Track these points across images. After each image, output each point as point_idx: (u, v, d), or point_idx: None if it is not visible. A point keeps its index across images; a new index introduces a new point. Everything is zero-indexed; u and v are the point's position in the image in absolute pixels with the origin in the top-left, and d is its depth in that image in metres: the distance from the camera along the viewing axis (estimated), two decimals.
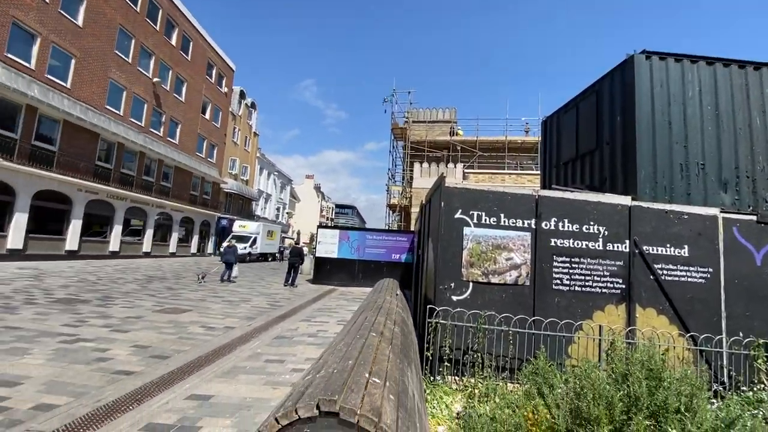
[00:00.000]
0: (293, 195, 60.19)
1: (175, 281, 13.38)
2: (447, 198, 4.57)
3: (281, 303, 10.16)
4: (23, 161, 15.65)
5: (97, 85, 19.47)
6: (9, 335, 5.47)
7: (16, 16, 15.20)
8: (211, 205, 31.68)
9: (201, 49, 29.23)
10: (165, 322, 6.96)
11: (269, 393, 4.02)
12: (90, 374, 4.26)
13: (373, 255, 15.17)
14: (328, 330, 7.12)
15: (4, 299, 8.00)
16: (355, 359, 1.61)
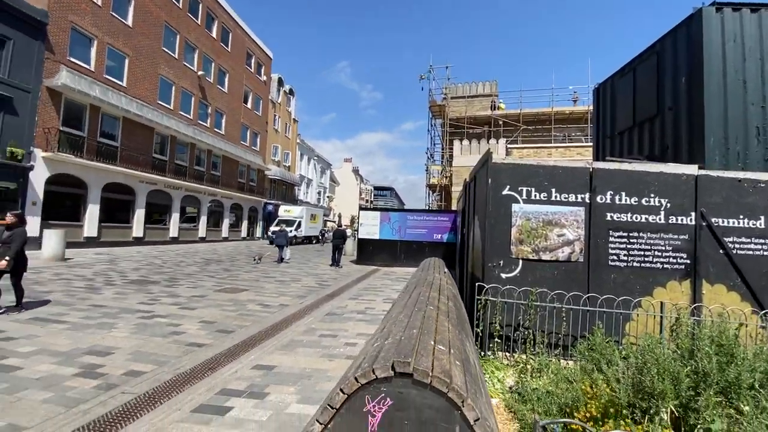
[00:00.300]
0: (333, 179, 61.34)
1: (231, 263, 14.28)
2: (494, 174, 4.48)
3: (329, 282, 10.57)
4: (92, 157, 17.16)
5: (149, 81, 20.70)
6: (96, 312, 6.17)
7: (74, 21, 16.38)
8: (257, 191, 33.09)
9: (240, 40, 30.00)
10: (226, 301, 7.51)
11: (326, 364, 4.27)
12: (168, 346, 4.74)
13: (414, 235, 15.27)
14: (375, 307, 7.36)
15: (87, 281, 9.00)
16: (419, 329, 1.69)
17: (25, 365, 3.92)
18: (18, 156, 13.89)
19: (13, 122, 13.96)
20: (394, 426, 1.27)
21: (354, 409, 1.28)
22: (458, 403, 1.25)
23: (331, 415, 1.26)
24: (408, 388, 1.27)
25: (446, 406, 1.26)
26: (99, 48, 17.60)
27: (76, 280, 8.98)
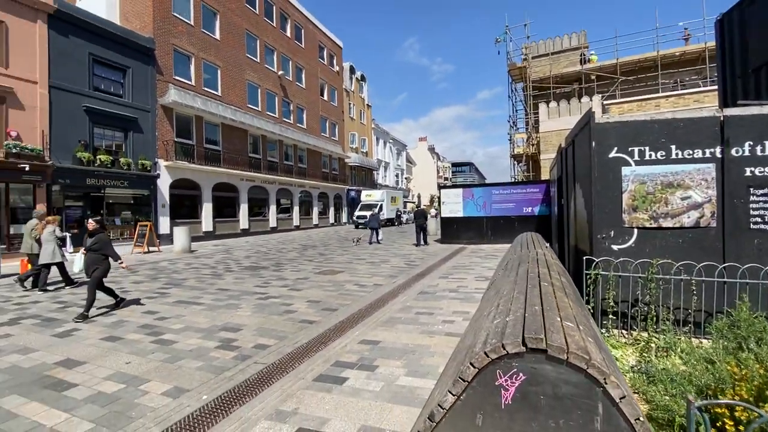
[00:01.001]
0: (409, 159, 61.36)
1: (324, 248, 15.33)
2: (599, 136, 4.02)
3: (416, 262, 10.75)
4: (201, 161, 19.64)
5: (238, 88, 22.78)
6: (223, 295, 7.17)
7: (175, 43, 18.63)
8: (340, 179, 34.70)
9: (311, 34, 31.17)
10: (326, 282, 8.13)
11: (427, 340, 4.39)
12: (284, 323, 5.32)
13: (501, 210, 14.56)
14: (467, 286, 7.29)
15: (211, 268, 10.46)
16: (540, 305, 1.63)
17: (179, 339, 4.74)
18: (147, 167, 16.52)
19: (140, 139, 16.59)
20: (528, 399, 1.26)
21: (485, 382, 1.29)
22: (600, 380, 1.19)
23: (463, 388, 1.30)
24: (542, 364, 1.24)
25: (586, 382, 1.21)
26: (196, 64, 19.82)
27: (203, 268, 10.50)
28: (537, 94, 20.45)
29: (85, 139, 14.40)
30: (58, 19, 13.74)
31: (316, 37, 31.95)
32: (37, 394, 3.36)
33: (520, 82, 22.02)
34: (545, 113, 17.92)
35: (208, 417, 2.94)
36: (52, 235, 7.75)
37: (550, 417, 1.23)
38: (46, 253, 7.64)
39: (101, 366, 3.95)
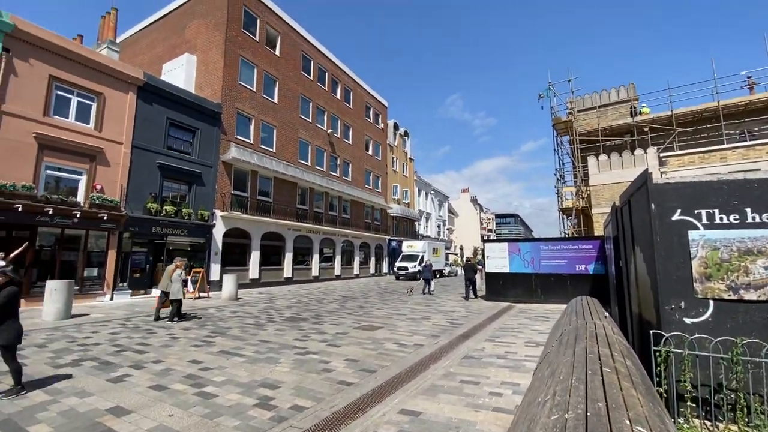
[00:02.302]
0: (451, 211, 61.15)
1: (364, 300, 15.18)
2: (658, 197, 3.78)
3: (460, 321, 10.25)
4: (253, 212, 20.88)
5: (291, 145, 24.59)
6: (264, 347, 7.20)
7: (239, 107, 20.80)
8: (381, 229, 35.11)
9: (359, 96, 33.55)
10: (365, 339, 7.93)
11: (473, 415, 4.03)
12: (321, 383, 5.18)
13: (551, 267, 13.72)
14: (517, 352, 6.76)
15: (254, 318, 10.66)
16: (604, 401, 1.45)
17: (220, 393, 4.75)
18: (205, 217, 17.82)
19: (201, 191, 18.11)
20: None
21: None
22: None
23: None
24: None
25: None
26: (256, 124, 21.84)
27: (246, 317, 10.73)
28: (584, 146, 20.01)
29: (156, 192, 15.98)
30: (146, 90, 15.99)
31: (363, 98, 34.30)
32: None
33: (566, 135, 21.77)
34: (595, 166, 17.34)
35: None
36: (180, 276, 9.98)
37: None
38: (174, 291, 9.87)
39: (146, 417, 4.02)
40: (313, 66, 27.40)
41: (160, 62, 22.26)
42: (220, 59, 19.91)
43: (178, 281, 9.94)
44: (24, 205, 11.77)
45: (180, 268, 10.17)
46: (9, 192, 11.58)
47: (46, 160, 12.86)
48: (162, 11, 23.71)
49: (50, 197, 12.59)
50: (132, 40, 25.14)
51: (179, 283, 9.95)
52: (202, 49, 20.84)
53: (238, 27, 20.99)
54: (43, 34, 12.96)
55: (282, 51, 24.37)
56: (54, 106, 13.30)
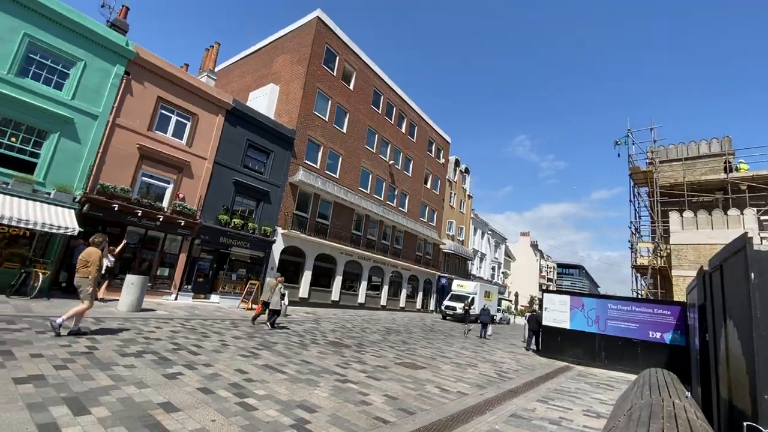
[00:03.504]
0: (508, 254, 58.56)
1: (407, 335, 14.80)
2: (759, 266, 3.30)
3: (509, 374, 9.53)
4: (311, 233, 21.74)
5: (353, 173, 25.59)
6: (305, 368, 7.24)
7: (310, 134, 22.25)
8: (432, 264, 34.51)
9: (423, 131, 34.31)
10: (405, 376, 7.66)
11: None
12: (358, 415, 5.04)
13: (619, 330, 12.34)
14: (573, 420, 6.08)
15: (300, 337, 10.83)
16: None
17: (259, 407, 4.82)
18: (268, 233, 18.88)
19: (267, 208, 19.32)
20: None
21: None
22: None
23: None
24: None
25: None
26: (323, 151, 23.15)
27: (292, 335, 10.94)
28: (666, 200, 18.31)
29: (228, 205, 17.38)
30: (233, 114, 17.82)
31: (427, 132, 34.99)
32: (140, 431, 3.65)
33: (644, 186, 20.15)
34: (678, 223, 15.71)
35: None
36: (279, 291, 11.70)
37: None
38: (274, 302, 11.62)
39: (191, 417, 4.18)
40: (382, 100, 28.74)
41: (248, 90, 24.82)
42: (300, 90, 21.68)
43: (277, 294, 11.65)
44: (120, 206, 13.40)
45: (281, 283, 11.91)
46: (110, 192, 13.29)
47: (143, 168, 14.66)
48: (255, 46, 26.71)
49: (141, 201, 14.22)
50: (227, 70, 28.44)
51: (278, 296, 11.68)
52: (285, 81, 22.91)
53: (319, 62, 22.85)
54: (158, 61, 15.15)
55: (355, 86, 25.96)
56: (157, 123, 15.28)
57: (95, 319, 8.98)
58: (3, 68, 11.52)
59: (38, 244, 12.10)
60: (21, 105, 11.72)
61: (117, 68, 13.95)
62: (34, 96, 12.03)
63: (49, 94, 12.38)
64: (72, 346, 6.28)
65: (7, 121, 11.64)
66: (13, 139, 11.78)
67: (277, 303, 11.64)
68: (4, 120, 11.56)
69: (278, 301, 11.66)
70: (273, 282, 11.97)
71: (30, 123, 12.01)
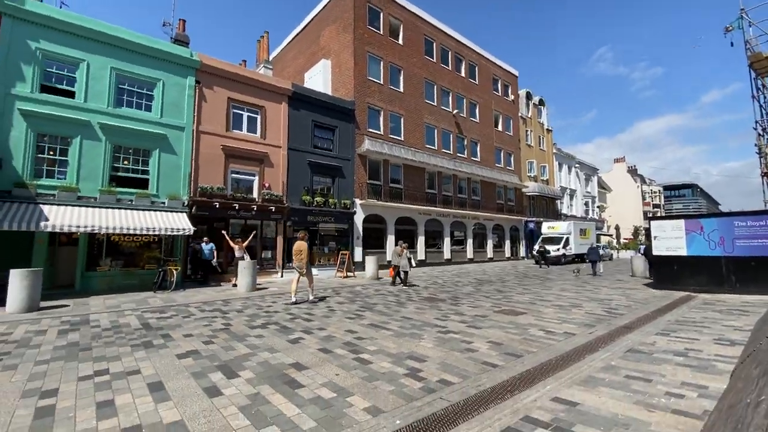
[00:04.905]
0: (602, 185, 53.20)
1: (501, 284, 14.67)
2: None
3: (619, 311, 8.97)
4: (387, 199, 22.21)
5: (418, 131, 25.07)
6: (407, 323, 7.68)
7: (369, 101, 22.15)
8: (516, 210, 33.03)
9: (485, 70, 31.80)
10: (506, 323, 7.69)
11: (645, 415, 3.53)
12: (466, 361, 5.26)
13: (751, 249, 10.65)
14: (702, 350, 5.57)
15: (395, 296, 11.44)
16: None
17: (374, 360, 5.30)
18: (347, 206, 19.78)
19: (342, 183, 20.10)
20: None
21: None
22: None
23: None
24: None
25: None
26: (384, 116, 22.97)
27: (388, 295, 11.60)
28: None
29: (308, 186, 18.49)
30: (294, 98, 18.49)
31: (490, 70, 32.38)
32: (280, 387, 4.31)
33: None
34: None
35: None
36: (405, 255, 13.95)
37: None
38: (403, 265, 13.89)
39: (318, 373, 4.78)
40: (435, 48, 27.17)
41: (303, 71, 25.38)
42: (350, 58, 21.50)
43: (404, 258, 13.88)
44: (220, 203, 15.13)
45: (405, 249, 14.08)
46: (209, 192, 15.04)
47: (231, 166, 16.21)
48: (300, 25, 26.88)
49: (235, 195, 15.86)
50: (280, 56, 29.28)
51: (406, 259, 13.89)
52: (335, 53, 22.87)
53: (364, 24, 22.23)
54: (220, 65, 16.19)
55: (405, 38, 24.86)
56: (233, 122, 16.59)
57: (223, 301, 10.54)
58: (103, 103, 13.41)
59: (165, 246, 14.37)
60: (124, 132, 13.63)
61: (189, 80, 15.30)
62: (133, 121, 13.87)
63: (144, 117, 14.16)
64: (212, 325, 7.51)
65: (118, 148, 13.68)
66: (126, 162, 13.85)
67: (406, 265, 13.85)
68: (115, 147, 13.60)
69: (406, 264, 13.85)
70: (398, 249, 14.10)
71: (135, 146, 13.96)
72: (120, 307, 9.52)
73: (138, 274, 13.52)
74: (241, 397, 4.05)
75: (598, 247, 19.02)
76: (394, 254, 14.32)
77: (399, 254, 13.92)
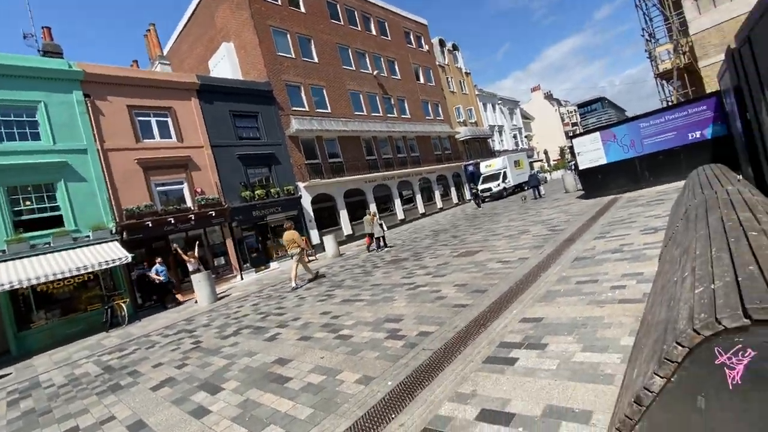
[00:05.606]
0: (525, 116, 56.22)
1: (455, 230, 15.37)
2: None
3: (561, 226, 9.86)
4: (330, 175, 21.86)
5: (343, 100, 24.49)
6: (378, 289, 7.89)
7: (285, 78, 21.07)
8: (455, 157, 34.11)
9: (395, 24, 31.30)
10: (467, 264, 8.16)
11: (598, 311, 4.02)
12: (438, 309, 5.57)
13: (657, 144, 12.05)
14: (633, 242, 6.35)
15: (360, 267, 11.60)
16: (756, 264, 1.34)
17: (354, 334, 5.43)
18: (291, 191, 19.22)
19: (280, 169, 19.38)
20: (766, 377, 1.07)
21: (701, 362, 1.15)
22: None
23: (672, 369, 1.18)
24: None
25: None
26: (305, 91, 22.06)
27: (354, 268, 11.74)
28: None
29: (244, 180, 17.61)
30: (204, 91, 17.08)
31: (400, 24, 31.94)
32: (268, 387, 4.31)
33: None
34: (693, 9, 14.02)
35: (397, 401, 3.32)
36: (377, 222, 15.16)
37: None
38: (377, 231, 14.97)
39: (303, 362, 4.83)
40: (340, 9, 26.11)
41: (205, 60, 23.34)
42: (254, 37, 20.07)
43: (377, 225, 15.01)
44: (152, 221, 14.02)
45: (375, 216, 15.48)
46: (137, 213, 13.83)
47: (153, 179, 14.91)
48: (189, 10, 24.36)
49: (167, 209, 14.74)
50: (175, 49, 26.58)
51: (377, 225, 15.00)
52: (235, 34, 21.18)
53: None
54: (108, 70, 14.41)
55: (306, 5, 23.56)
56: (141, 131, 15.06)
57: (186, 320, 10.06)
58: None
59: (105, 281, 13.21)
60: (15, 170, 11.90)
61: (76, 95, 13.51)
62: (22, 155, 12.12)
63: (34, 148, 12.41)
64: (180, 348, 7.19)
65: (13, 189, 11.97)
66: (28, 203, 12.22)
67: (380, 231, 14.98)
68: (10, 189, 11.88)
69: (380, 230, 14.97)
70: (369, 218, 15.24)
71: (33, 182, 12.29)
72: (71, 358, 8.75)
73: (82, 319, 12.38)
74: (231, 408, 4.00)
75: (536, 173, 20.85)
76: (367, 223, 15.36)
77: (371, 222, 15.02)
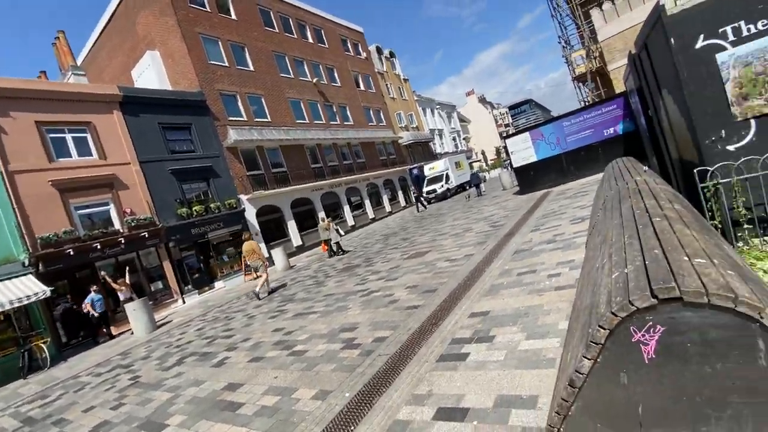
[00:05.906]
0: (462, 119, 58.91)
1: (404, 232, 15.64)
2: (677, 29, 3.45)
3: (501, 222, 10.42)
4: (274, 186, 21.19)
5: (283, 108, 23.94)
6: (331, 299, 7.77)
7: (219, 88, 20.15)
8: (399, 161, 34.76)
9: (331, 32, 31.30)
10: (417, 265, 8.33)
11: (537, 300, 4.30)
12: (392, 313, 5.61)
13: (579, 141, 13.28)
14: (564, 232, 6.90)
15: (312, 278, 11.36)
16: (660, 248, 1.52)
17: (309, 348, 5.29)
18: (233, 205, 18.35)
19: (220, 182, 18.44)
20: (673, 350, 1.21)
21: (620, 341, 1.27)
22: (754, 314, 1.09)
23: (597, 350, 1.29)
24: (680, 312, 1.17)
25: (738, 321, 1.12)
26: (242, 100, 21.25)
27: (306, 280, 11.46)
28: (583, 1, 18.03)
29: (179, 197, 16.49)
30: (127, 103, 15.77)
31: (336, 31, 32.01)
32: (219, 416, 4.05)
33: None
34: (600, 18, 15.71)
35: (356, 411, 3.28)
36: (333, 228, 14.92)
37: (703, 363, 1.17)
38: (334, 237, 14.81)
39: (256, 384, 4.61)
40: (274, 17, 25.56)
41: (127, 70, 21.60)
42: (182, 45, 18.98)
43: (333, 230, 14.82)
44: (73, 248, 12.61)
45: (331, 222, 15.39)
46: (55, 241, 12.38)
47: (71, 202, 13.43)
48: (105, 16, 22.42)
49: (91, 234, 13.36)
50: (91, 58, 24.31)
51: (333, 231, 14.85)
52: (161, 42, 19.87)
53: (185, 3, 19.59)
54: (9, 83, 12.81)
55: (237, 12, 22.75)
56: (54, 150, 13.53)
57: (122, 354, 9.16)
58: None
59: (19, 321, 11.62)
60: None
61: None
62: None
63: None
64: (116, 386, 6.52)
65: None
66: None
67: (336, 236, 14.88)
68: None
69: (336, 235, 14.88)
70: (324, 224, 15.11)
71: None
72: None
73: None
74: None
75: (477, 172, 22.18)
76: (322, 230, 15.24)
77: (326, 228, 14.93)
